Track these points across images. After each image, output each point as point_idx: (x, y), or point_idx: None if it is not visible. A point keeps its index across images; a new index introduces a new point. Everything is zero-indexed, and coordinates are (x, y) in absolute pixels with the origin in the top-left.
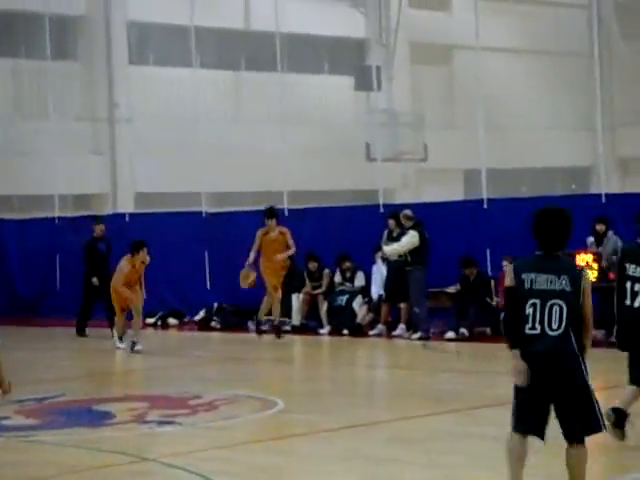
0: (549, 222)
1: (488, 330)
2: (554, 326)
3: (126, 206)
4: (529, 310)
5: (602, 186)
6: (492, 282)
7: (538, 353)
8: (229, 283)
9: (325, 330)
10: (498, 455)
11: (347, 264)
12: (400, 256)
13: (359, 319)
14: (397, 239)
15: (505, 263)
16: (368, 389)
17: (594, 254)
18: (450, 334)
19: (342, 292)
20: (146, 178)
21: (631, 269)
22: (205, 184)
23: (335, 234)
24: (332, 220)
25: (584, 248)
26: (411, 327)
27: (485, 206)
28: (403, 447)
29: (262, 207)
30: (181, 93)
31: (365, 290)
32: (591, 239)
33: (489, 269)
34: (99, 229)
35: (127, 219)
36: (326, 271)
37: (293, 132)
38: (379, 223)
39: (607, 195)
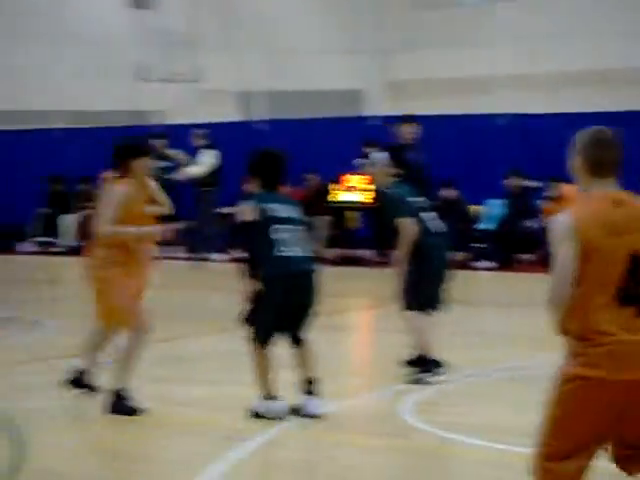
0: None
1: None
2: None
3: None
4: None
5: (373, 109)
6: None
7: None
8: None
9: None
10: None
11: None
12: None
13: None
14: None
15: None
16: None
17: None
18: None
19: None
20: None
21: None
22: None
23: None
24: (108, 141)
25: (353, 170)
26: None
27: (264, 127)
28: (175, 366)
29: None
30: None
31: None
32: (361, 161)
33: None
34: None
35: None
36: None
37: (64, 50)
38: None
39: (377, 118)
